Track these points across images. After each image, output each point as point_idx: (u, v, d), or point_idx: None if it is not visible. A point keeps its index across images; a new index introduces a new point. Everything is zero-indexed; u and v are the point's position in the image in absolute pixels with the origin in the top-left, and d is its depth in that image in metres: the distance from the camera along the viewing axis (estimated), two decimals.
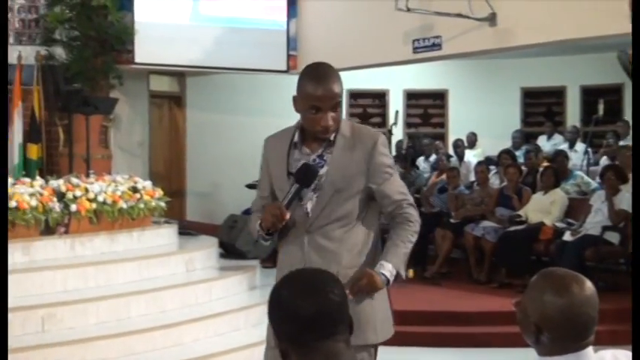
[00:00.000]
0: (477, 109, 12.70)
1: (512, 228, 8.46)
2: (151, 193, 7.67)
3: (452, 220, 9.16)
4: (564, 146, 10.82)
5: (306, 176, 2.99)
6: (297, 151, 3.10)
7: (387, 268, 2.97)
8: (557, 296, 2.09)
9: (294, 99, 3.03)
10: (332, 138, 3.05)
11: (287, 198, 2.98)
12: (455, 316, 7.47)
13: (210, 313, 6.55)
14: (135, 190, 7.49)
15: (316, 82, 2.97)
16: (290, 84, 12.79)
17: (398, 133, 11.45)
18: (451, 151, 12.04)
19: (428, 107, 13.52)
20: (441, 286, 8.59)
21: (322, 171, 3.03)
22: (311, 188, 3.02)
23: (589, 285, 2.14)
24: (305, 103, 2.98)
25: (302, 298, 1.92)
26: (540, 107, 13.16)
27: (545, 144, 11.48)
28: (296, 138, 3.10)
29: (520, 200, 8.72)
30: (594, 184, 9.05)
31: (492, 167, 10.18)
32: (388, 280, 2.97)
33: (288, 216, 2.97)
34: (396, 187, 3.10)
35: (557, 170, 8.96)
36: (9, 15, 10.25)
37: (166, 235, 7.88)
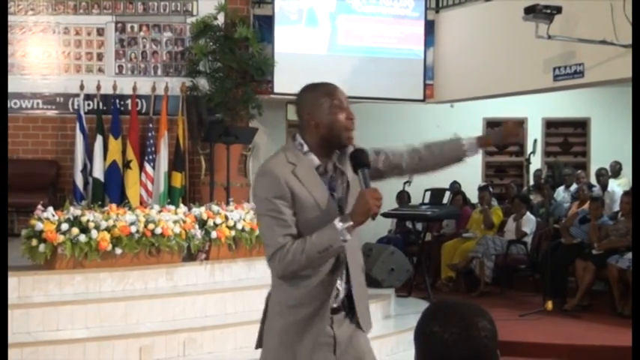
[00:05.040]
0: (621, 138, 12.23)
1: None
2: None
3: (594, 252, 8.87)
4: None
5: (363, 158, 2.96)
6: (325, 175, 2.96)
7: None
8: None
9: (308, 117, 2.94)
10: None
11: (365, 184, 2.84)
12: (598, 350, 7.21)
13: None
14: None
15: (328, 85, 3.02)
16: (426, 113, 12.67)
17: (536, 161, 11.19)
18: (593, 181, 11.67)
19: (568, 136, 13.19)
20: (582, 319, 8.34)
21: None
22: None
23: None
24: (325, 106, 2.93)
25: (455, 341, 1.88)
26: None
27: None
28: (315, 162, 2.92)
29: None
30: None
31: None
32: None
33: None
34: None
35: None
36: (157, 48, 10.73)
37: None
